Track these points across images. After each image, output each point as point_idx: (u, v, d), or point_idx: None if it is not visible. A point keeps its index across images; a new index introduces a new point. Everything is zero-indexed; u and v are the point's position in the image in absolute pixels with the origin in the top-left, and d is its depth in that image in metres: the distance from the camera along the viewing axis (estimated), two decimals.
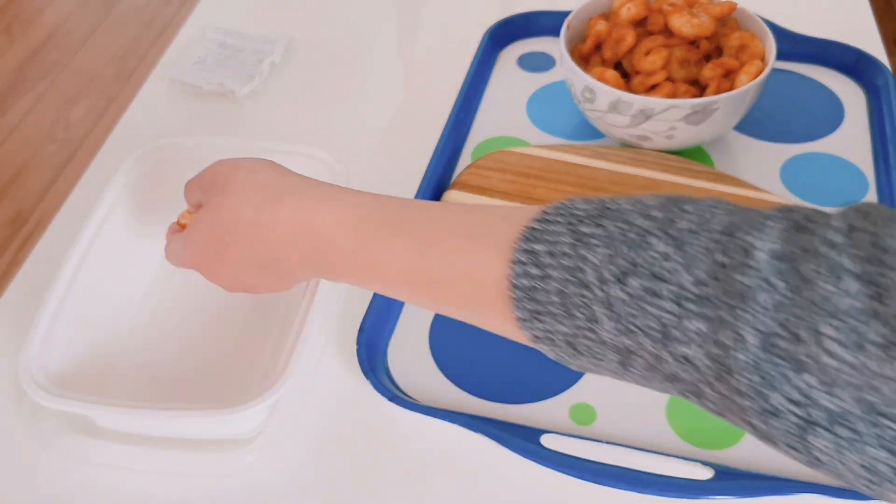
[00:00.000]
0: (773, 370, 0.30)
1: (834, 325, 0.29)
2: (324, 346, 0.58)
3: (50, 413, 0.54)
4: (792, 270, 0.31)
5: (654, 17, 0.68)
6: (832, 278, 0.29)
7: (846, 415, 0.30)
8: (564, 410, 0.55)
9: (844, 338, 0.29)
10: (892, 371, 0.29)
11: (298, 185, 0.47)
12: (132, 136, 0.76)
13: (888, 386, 0.29)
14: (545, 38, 0.83)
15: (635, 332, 0.34)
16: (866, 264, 0.29)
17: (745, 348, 0.31)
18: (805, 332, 0.30)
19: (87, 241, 0.57)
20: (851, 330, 0.29)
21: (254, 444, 0.52)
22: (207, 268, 0.50)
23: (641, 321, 0.33)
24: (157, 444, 0.53)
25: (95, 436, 0.53)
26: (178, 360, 0.58)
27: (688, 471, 0.50)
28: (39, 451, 0.54)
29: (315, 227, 0.44)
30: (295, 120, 0.77)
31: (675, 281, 0.33)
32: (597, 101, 0.66)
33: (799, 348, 0.30)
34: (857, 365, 0.29)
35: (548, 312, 0.36)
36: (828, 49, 0.78)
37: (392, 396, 0.53)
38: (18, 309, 0.61)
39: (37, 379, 0.50)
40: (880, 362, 0.29)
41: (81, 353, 0.55)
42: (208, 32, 0.86)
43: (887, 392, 0.29)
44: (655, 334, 0.33)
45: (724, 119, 0.66)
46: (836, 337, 0.29)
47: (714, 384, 0.32)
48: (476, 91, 0.78)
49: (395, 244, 0.42)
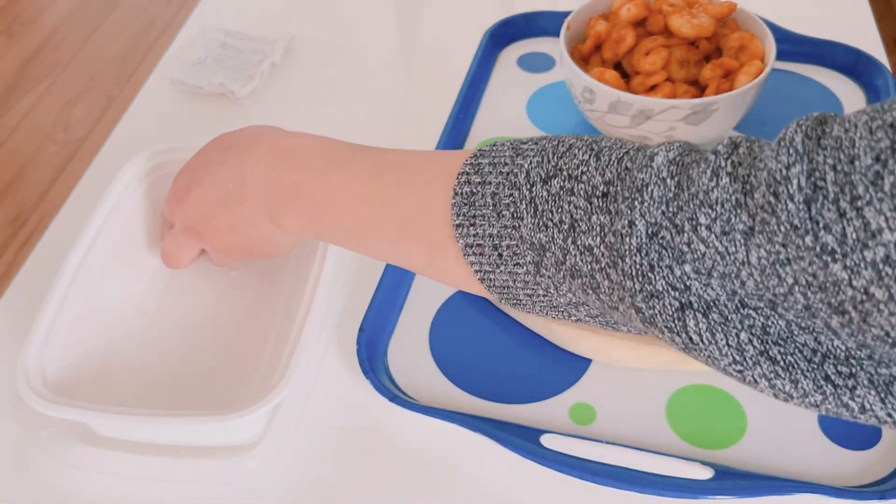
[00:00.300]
0: (657, 257, 0.35)
1: (708, 214, 0.34)
2: (324, 346, 0.58)
3: (49, 420, 0.53)
4: (682, 172, 0.36)
5: (654, 17, 0.68)
6: (712, 177, 0.34)
7: (717, 302, 0.35)
8: (564, 410, 0.55)
9: (716, 225, 0.34)
10: (755, 259, 0.33)
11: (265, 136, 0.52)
12: (132, 137, 0.76)
13: (750, 276, 0.33)
14: (545, 38, 0.84)
15: (550, 227, 0.39)
16: (740, 168, 0.34)
17: (636, 234, 0.36)
18: (685, 221, 0.34)
19: (86, 245, 0.56)
20: (721, 218, 0.33)
21: (255, 450, 0.52)
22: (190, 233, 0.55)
23: (557, 216, 0.39)
24: (157, 451, 0.52)
25: (95, 444, 0.53)
26: (178, 365, 0.57)
27: (687, 471, 0.50)
28: (38, 458, 0.54)
29: (288, 144, 0.50)
30: (295, 120, 0.77)
31: (587, 181, 0.38)
32: (596, 102, 0.66)
33: (679, 238, 0.35)
34: (724, 253, 0.34)
35: (481, 215, 0.41)
36: (827, 49, 0.78)
37: (392, 396, 0.53)
38: (18, 310, 0.61)
39: (34, 386, 0.49)
40: (744, 249, 0.33)
41: (79, 359, 0.54)
42: (208, 33, 0.86)
43: (750, 284, 0.34)
44: (565, 227, 0.38)
45: (724, 119, 0.66)
46: (707, 224, 0.34)
47: (608, 271, 0.37)
48: (476, 91, 0.78)
49: (355, 167, 0.47)
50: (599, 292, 0.39)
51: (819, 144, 0.32)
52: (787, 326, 0.35)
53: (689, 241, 0.34)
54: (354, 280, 0.61)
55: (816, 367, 0.34)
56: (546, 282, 0.41)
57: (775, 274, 0.32)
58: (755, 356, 0.35)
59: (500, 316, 0.60)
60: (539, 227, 0.39)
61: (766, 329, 0.35)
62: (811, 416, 0.54)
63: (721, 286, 0.35)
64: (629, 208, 0.36)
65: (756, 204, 0.33)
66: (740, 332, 0.35)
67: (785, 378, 0.34)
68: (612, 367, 0.57)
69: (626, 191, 0.36)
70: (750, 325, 0.35)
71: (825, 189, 0.30)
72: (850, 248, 0.30)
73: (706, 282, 0.35)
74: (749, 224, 0.33)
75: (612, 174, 0.38)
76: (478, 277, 0.43)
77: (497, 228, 0.41)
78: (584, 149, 0.39)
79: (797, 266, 0.32)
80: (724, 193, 0.34)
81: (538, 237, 0.39)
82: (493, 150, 0.43)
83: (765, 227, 0.32)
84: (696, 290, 0.35)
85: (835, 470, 0.51)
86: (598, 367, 0.57)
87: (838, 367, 0.34)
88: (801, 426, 0.53)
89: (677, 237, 0.35)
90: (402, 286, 0.61)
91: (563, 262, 0.39)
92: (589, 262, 0.38)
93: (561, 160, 0.40)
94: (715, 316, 0.35)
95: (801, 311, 0.33)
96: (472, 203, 0.41)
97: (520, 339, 0.58)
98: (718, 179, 0.34)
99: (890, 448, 0.52)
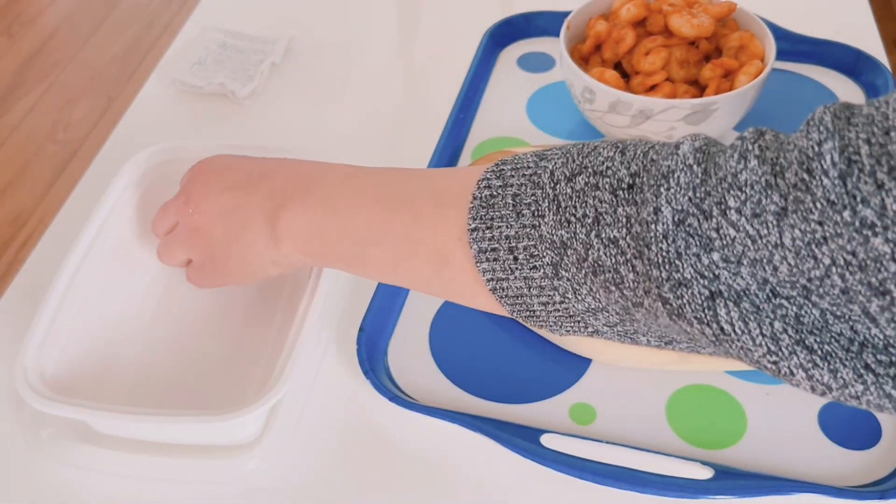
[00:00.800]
0: (684, 245, 0.34)
1: (737, 196, 0.33)
2: (324, 346, 0.58)
3: (49, 420, 0.53)
4: (708, 160, 0.35)
5: (654, 17, 0.68)
6: (739, 160, 0.34)
7: (747, 291, 0.34)
8: (564, 410, 0.55)
9: (746, 208, 0.33)
10: (788, 241, 0.32)
11: None
12: (132, 137, 0.76)
13: (784, 261, 0.32)
14: (545, 38, 0.84)
15: (572, 223, 0.38)
16: (767, 151, 0.33)
17: (662, 221, 0.35)
18: (713, 206, 0.34)
19: (86, 245, 0.56)
20: (752, 200, 0.33)
21: (255, 449, 0.52)
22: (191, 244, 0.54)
23: (580, 211, 0.38)
24: (157, 451, 0.52)
25: (95, 443, 0.53)
26: (177, 364, 0.57)
27: (687, 471, 0.50)
28: (38, 458, 0.54)
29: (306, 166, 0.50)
30: (295, 120, 0.77)
31: (613, 175, 0.37)
32: (596, 102, 0.66)
33: (707, 223, 0.34)
34: (755, 237, 0.33)
35: (499, 217, 0.40)
36: (827, 49, 0.78)
37: (392, 396, 0.53)
38: (18, 310, 0.61)
39: (32, 384, 0.49)
40: (777, 231, 0.32)
41: (79, 358, 0.54)
42: (208, 33, 0.86)
43: (783, 269, 0.33)
44: (589, 221, 0.37)
45: (724, 119, 0.66)
46: (737, 207, 0.33)
47: (633, 262, 0.36)
48: (476, 91, 0.78)
49: (379, 177, 0.47)
50: (623, 287, 0.37)
51: (850, 122, 0.31)
52: (821, 315, 0.33)
53: (718, 226, 0.33)
54: (354, 280, 0.61)
55: (855, 355, 0.33)
56: (564, 285, 0.40)
57: (811, 255, 0.31)
58: (791, 345, 0.33)
59: (501, 316, 0.60)
60: (561, 224, 0.38)
61: (800, 318, 0.33)
62: (811, 416, 0.54)
63: (751, 274, 0.34)
64: (655, 195, 0.35)
65: (788, 183, 0.32)
66: (773, 321, 0.34)
67: (823, 368, 0.33)
68: (612, 367, 0.57)
69: (652, 179, 0.36)
70: (783, 314, 0.34)
71: (860, 162, 0.30)
72: (892, 220, 0.29)
73: (735, 270, 0.34)
74: (781, 204, 0.32)
75: (637, 166, 0.37)
76: (489, 287, 0.42)
77: (515, 229, 0.40)
78: (610, 147, 0.39)
79: (834, 244, 0.31)
80: (754, 175, 0.33)
81: (559, 234, 0.38)
82: (515, 158, 0.42)
83: (799, 205, 0.31)
84: (726, 279, 0.34)
85: (835, 470, 0.51)
86: (598, 367, 0.57)
87: (877, 355, 0.33)
88: (801, 426, 0.53)
89: (705, 223, 0.34)
90: None
91: (584, 257, 0.38)
92: (613, 254, 0.37)
93: (586, 158, 0.39)
94: (746, 305, 0.34)
95: (837, 296, 0.32)
96: (491, 205, 0.41)
97: (520, 339, 0.58)
98: (746, 162, 0.33)
99: (890, 448, 0.52)
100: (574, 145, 0.41)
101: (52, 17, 2.31)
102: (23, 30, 2.25)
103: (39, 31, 2.26)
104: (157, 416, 0.50)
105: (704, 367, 0.56)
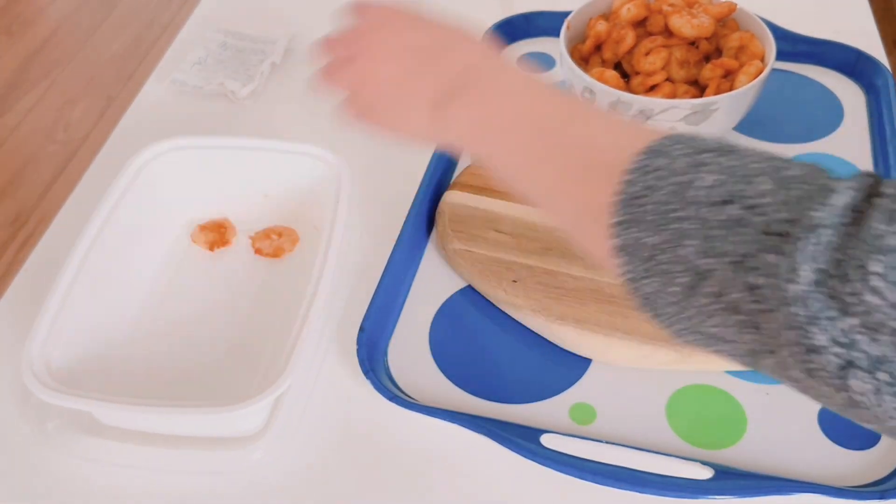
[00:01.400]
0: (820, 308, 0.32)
1: (881, 261, 0.30)
2: (325, 345, 0.58)
3: (54, 412, 0.54)
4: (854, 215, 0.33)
5: (654, 17, 0.68)
6: (885, 220, 0.31)
7: (885, 360, 0.31)
8: (564, 410, 0.55)
9: (890, 274, 0.30)
10: None
11: None
12: (133, 137, 0.76)
13: None
14: (545, 38, 0.83)
15: (717, 257, 0.35)
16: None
17: (799, 281, 0.32)
18: (853, 270, 0.31)
19: (91, 238, 0.57)
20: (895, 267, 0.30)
21: (257, 443, 0.52)
22: None
23: (727, 246, 0.35)
24: (162, 442, 0.53)
25: (100, 435, 0.53)
26: (181, 359, 0.58)
27: (687, 470, 0.50)
28: (44, 449, 0.54)
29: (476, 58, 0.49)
30: (295, 120, 0.77)
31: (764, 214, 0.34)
32: (596, 102, 0.66)
33: (846, 287, 0.31)
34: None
35: (644, 221, 0.37)
36: (827, 49, 0.78)
37: (392, 396, 0.53)
38: (19, 310, 0.61)
39: (39, 375, 0.50)
40: None
41: (84, 350, 0.55)
42: (208, 32, 0.86)
43: None
44: (736, 259, 0.35)
45: (724, 119, 0.66)
46: (881, 272, 0.30)
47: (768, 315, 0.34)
48: None
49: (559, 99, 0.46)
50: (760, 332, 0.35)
51: None
52: None
53: (858, 291, 0.31)
54: (354, 280, 0.61)
55: None
56: (692, 311, 0.37)
57: None
58: None
59: (501, 316, 0.60)
60: (704, 253, 0.36)
61: None
62: (811, 416, 0.54)
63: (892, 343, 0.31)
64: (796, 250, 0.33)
65: None
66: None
67: None
68: (612, 367, 0.57)
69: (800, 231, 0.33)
70: None
71: None
72: None
73: (874, 337, 0.31)
74: None
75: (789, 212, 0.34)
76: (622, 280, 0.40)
77: (658, 240, 0.37)
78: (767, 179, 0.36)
79: None
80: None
81: (701, 262, 0.36)
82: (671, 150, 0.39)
83: None
84: (862, 345, 0.31)
85: (835, 470, 0.51)
86: (598, 367, 0.57)
87: None
88: (801, 426, 0.53)
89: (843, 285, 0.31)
90: (402, 286, 0.61)
91: (721, 294, 0.36)
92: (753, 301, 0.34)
93: (742, 185, 0.36)
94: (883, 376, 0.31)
95: None
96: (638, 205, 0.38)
97: (520, 339, 0.58)
98: (892, 225, 0.31)
99: (890, 448, 0.52)
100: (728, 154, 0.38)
101: (52, 16, 2.31)
102: (23, 29, 2.25)
103: (39, 30, 2.26)
104: (162, 408, 0.50)
105: (704, 367, 0.56)
